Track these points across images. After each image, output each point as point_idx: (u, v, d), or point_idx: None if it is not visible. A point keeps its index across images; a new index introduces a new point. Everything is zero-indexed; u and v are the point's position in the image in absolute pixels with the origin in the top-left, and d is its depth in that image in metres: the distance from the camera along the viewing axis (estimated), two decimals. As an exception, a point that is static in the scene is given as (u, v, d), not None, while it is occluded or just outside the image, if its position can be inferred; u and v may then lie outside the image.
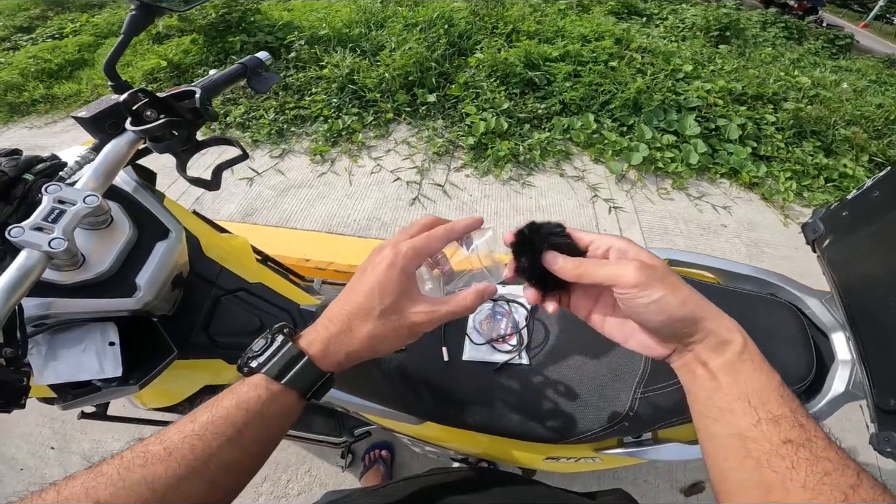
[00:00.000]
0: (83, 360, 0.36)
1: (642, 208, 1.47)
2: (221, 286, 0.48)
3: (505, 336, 0.50)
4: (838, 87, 2.44)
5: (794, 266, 1.38)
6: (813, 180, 1.71)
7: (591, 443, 0.46)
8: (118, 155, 0.36)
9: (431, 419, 0.50)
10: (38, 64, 2.19)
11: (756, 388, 0.22)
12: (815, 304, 0.49)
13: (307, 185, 1.47)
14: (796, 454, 0.20)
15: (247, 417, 0.23)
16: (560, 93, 1.75)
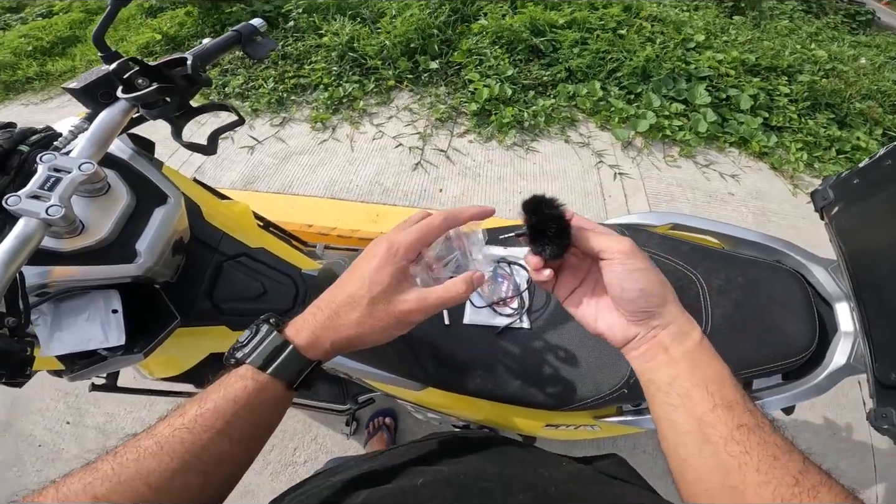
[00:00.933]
0: (87, 329, 0.36)
1: (648, 175, 1.44)
2: (223, 252, 0.48)
3: (506, 299, 0.49)
4: (856, 61, 2.34)
5: (800, 236, 1.36)
6: (824, 151, 1.67)
7: (591, 410, 0.46)
8: (112, 123, 0.36)
9: (433, 385, 0.50)
10: (31, 42, 2.17)
11: (712, 376, 0.24)
12: (821, 273, 0.48)
13: (308, 152, 1.46)
14: (748, 438, 0.22)
15: (235, 408, 0.23)
16: (566, 60, 1.70)
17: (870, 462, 0.94)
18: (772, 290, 0.47)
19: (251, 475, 0.93)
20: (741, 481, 0.21)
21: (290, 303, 0.51)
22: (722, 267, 0.48)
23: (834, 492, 0.20)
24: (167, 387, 0.63)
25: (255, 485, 0.91)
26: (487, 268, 0.50)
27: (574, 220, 0.25)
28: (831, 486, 0.20)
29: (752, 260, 0.50)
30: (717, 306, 0.45)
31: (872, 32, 3.35)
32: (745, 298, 0.46)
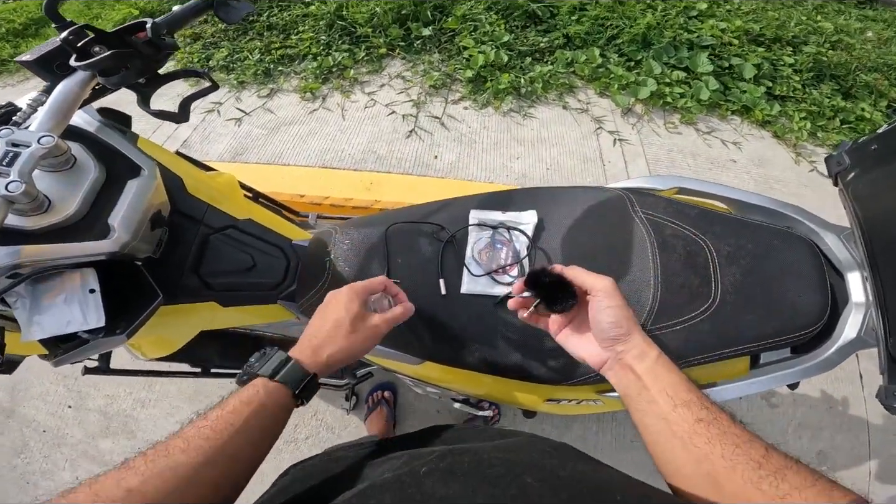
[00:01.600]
0: (66, 311, 0.34)
1: (649, 141, 1.40)
2: (209, 225, 0.45)
3: (505, 267, 0.46)
4: (863, 34, 2.29)
5: (802, 203, 1.30)
6: (828, 121, 1.63)
7: (593, 385, 0.43)
8: (70, 94, 0.35)
9: (430, 359, 0.47)
10: (2, 25, 2.10)
11: (669, 383, 0.29)
12: (833, 240, 0.45)
13: (298, 122, 1.41)
14: (709, 430, 0.25)
15: (250, 410, 0.27)
16: (564, 26, 1.64)
17: (864, 437, 0.94)
18: (783, 258, 0.44)
19: None
20: (711, 469, 0.24)
21: (282, 275, 0.48)
22: (731, 233, 0.45)
23: (801, 474, 0.22)
24: (161, 367, 0.60)
25: None
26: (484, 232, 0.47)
27: (567, 272, 0.33)
28: (798, 469, 0.22)
29: (762, 226, 0.47)
30: (726, 274, 0.42)
31: (879, 6, 3.28)
32: (755, 266, 0.43)
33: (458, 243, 0.48)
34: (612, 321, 0.31)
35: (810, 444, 0.94)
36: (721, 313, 0.41)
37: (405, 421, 0.96)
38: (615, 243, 0.46)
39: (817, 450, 0.94)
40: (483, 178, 1.25)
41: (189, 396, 0.96)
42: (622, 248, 0.45)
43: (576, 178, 1.27)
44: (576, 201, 0.49)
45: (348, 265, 0.48)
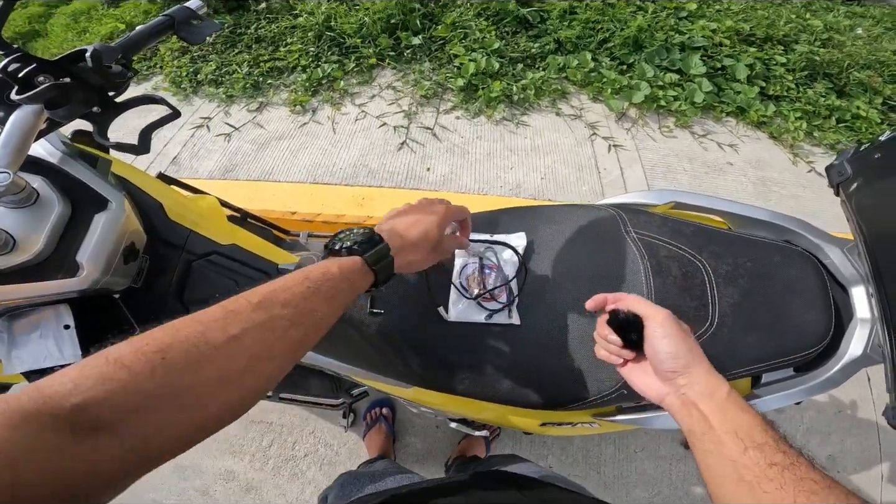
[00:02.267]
0: (42, 346, 0.34)
1: (644, 146, 1.39)
2: (191, 251, 0.44)
3: (493, 291, 0.44)
4: (852, 31, 2.29)
5: (801, 205, 1.33)
6: (824, 120, 1.62)
7: (589, 409, 0.42)
8: (25, 126, 0.32)
9: (419, 385, 0.45)
10: None
11: (742, 424, 0.27)
12: (836, 254, 0.43)
13: (288, 136, 1.39)
14: (782, 475, 0.23)
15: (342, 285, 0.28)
16: (555, 31, 1.63)
17: (874, 440, 0.91)
18: (784, 276, 0.42)
19: (252, 471, 0.90)
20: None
21: None
22: (729, 251, 0.43)
23: None
24: None
25: (258, 480, 0.89)
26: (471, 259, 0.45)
27: (629, 303, 0.33)
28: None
29: (760, 241, 0.45)
30: (724, 295, 0.41)
31: (867, 3, 3.30)
32: (754, 285, 0.41)
33: (446, 269, 0.47)
34: (670, 352, 0.30)
35: (819, 448, 0.92)
36: (718, 337, 0.39)
37: (404, 437, 0.94)
38: (607, 267, 0.44)
39: (826, 454, 0.92)
40: (476, 190, 1.23)
41: None
42: (614, 273, 0.43)
43: (571, 188, 1.25)
44: (566, 221, 0.48)
45: None
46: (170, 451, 0.19)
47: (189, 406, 0.20)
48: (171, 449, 0.19)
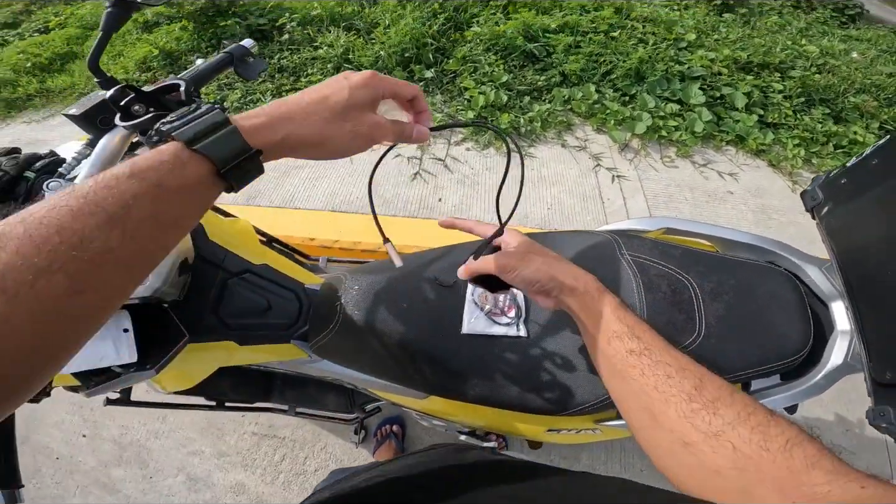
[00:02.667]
0: (100, 347, 0.37)
1: (646, 176, 1.45)
2: (228, 269, 0.49)
3: (503, 308, 0.50)
4: (848, 56, 2.36)
5: (801, 232, 1.36)
6: (822, 147, 1.67)
7: (591, 414, 0.46)
8: (113, 149, 0.37)
9: (435, 393, 0.50)
10: (29, 59, 2.19)
11: (602, 314, 0.28)
12: (815, 273, 0.48)
13: (308, 165, 1.46)
14: (640, 361, 0.24)
15: (139, 188, 0.17)
16: (560, 64, 1.71)
17: (884, 457, 0.93)
18: (765, 292, 0.47)
19: (263, 485, 0.93)
20: (649, 402, 0.23)
21: (295, 317, 0.52)
22: (714, 270, 0.48)
23: (734, 407, 0.21)
24: (178, 400, 0.64)
25: (268, 494, 0.91)
26: None
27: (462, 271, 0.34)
28: (732, 402, 0.21)
29: (744, 262, 0.50)
30: (710, 309, 0.45)
31: (862, 26, 3.37)
32: (737, 300, 0.46)
33: (460, 288, 0.52)
34: (528, 286, 0.31)
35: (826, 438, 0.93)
36: (706, 346, 0.43)
37: (416, 460, 0.98)
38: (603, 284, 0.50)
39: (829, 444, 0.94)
40: (486, 220, 1.28)
41: (202, 429, 0.98)
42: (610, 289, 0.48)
43: (576, 218, 1.31)
44: (567, 245, 0.53)
45: (358, 309, 0.51)
46: None
47: None
48: None
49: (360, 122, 0.24)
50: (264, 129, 0.22)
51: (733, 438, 0.20)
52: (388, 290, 0.52)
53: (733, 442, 0.19)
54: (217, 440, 0.96)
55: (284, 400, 0.71)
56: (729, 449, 0.19)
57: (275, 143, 0.22)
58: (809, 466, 0.18)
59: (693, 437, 0.21)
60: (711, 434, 0.20)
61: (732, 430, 0.20)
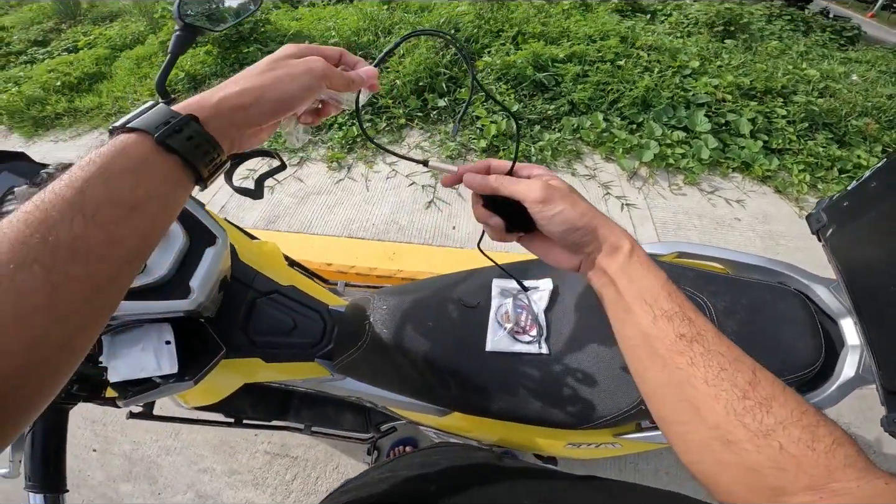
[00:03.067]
0: (142, 358, 0.39)
1: (655, 204, 1.48)
2: (257, 289, 0.52)
3: (525, 327, 0.53)
4: (848, 79, 2.41)
5: (809, 256, 1.37)
6: (826, 172, 1.70)
7: (611, 427, 0.48)
8: None
9: (456, 408, 0.52)
10: (59, 77, 2.25)
11: (646, 286, 0.24)
12: (823, 292, 0.50)
13: (326, 191, 1.51)
14: (691, 348, 0.22)
15: (89, 172, 0.18)
16: (568, 93, 1.77)
17: None
18: (776, 310, 0.49)
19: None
20: (693, 396, 0.21)
21: (319, 336, 0.54)
22: (727, 290, 0.50)
23: (788, 406, 0.20)
24: (199, 415, 0.65)
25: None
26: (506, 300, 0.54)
27: (492, 181, 0.28)
28: (785, 400, 0.20)
29: (755, 282, 0.52)
30: (724, 326, 0.47)
31: (860, 47, 3.44)
32: (750, 318, 0.48)
33: (483, 308, 0.55)
34: (564, 228, 0.26)
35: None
36: None
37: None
38: None
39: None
40: (499, 247, 1.31)
41: (214, 446, 0.98)
42: None
43: (589, 244, 1.34)
44: None
45: (386, 328, 0.54)
46: None
47: None
48: None
49: (292, 65, 0.24)
50: (195, 100, 0.22)
51: (782, 438, 0.19)
52: (415, 310, 0.54)
53: (781, 441, 0.19)
54: (229, 458, 0.96)
55: (301, 418, 0.73)
56: (775, 448, 0.19)
57: (209, 105, 0.22)
58: (846, 465, 0.18)
59: (739, 434, 0.19)
60: (761, 433, 0.19)
61: (783, 429, 0.19)
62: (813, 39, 3.09)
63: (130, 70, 2.33)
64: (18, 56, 2.74)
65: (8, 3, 4.07)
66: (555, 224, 0.26)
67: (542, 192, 0.26)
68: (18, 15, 3.46)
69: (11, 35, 3.02)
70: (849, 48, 3.30)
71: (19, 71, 2.48)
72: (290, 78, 0.24)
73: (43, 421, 0.40)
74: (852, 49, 3.27)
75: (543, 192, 0.26)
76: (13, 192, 0.36)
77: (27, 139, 2.00)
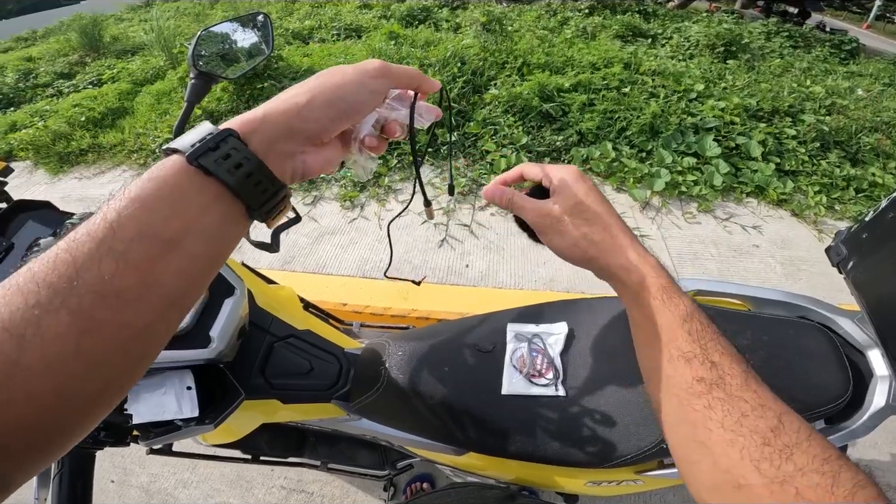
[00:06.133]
0: (164, 401, 0.41)
1: (669, 234, 1.46)
2: (274, 334, 0.54)
3: (541, 371, 0.53)
4: (853, 93, 2.41)
5: (832, 283, 1.33)
6: (842, 192, 1.68)
7: (632, 465, 0.48)
8: None
9: (473, 449, 0.52)
10: (83, 112, 2.30)
11: (664, 324, 0.23)
12: (848, 324, 0.50)
13: (340, 231, 1.53)
14: (710, 393, 0.21)
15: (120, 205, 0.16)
16: (576, 123, 1.79)
17: None
18: (799, 345, 0.49)
19: None
20: (707, 438, 0.21)
21: (335, 378, 0.56)
22: (747, 327, 0.50)
23: (810, 453, 0.19)
24: (217, 451, 0.66)
25: None
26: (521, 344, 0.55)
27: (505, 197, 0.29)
28: (809, 446, 0.19)
29: (776, 318, 0.52)
30: None
31: (861, 60, 3.45)
32: (774, 354, 0.48)
33: (498, 353, 0.55)
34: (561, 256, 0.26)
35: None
36: None
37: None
38: None
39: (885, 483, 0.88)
40: (512, 285, 1.31)
41: (230, 481, 0.98)
42: None
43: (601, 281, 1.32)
44: (602, 312, 0.56)
45: (402, 372, 0.54)
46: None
47: None
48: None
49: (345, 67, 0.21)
50: (241, 115, 0.19)
51: (800, 484, 0.18)
52: (431, 355, 0.55)
53: (798, 487, 0.18)
54: (245, 492, 0.95)
55: (317, 455, 0.73)
56: (791, 494, 0.18)
57: (255, 119, 0.19)
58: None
59: (753, 479, 0.19)
60: (777, 480, 0.18)
61: (802, 476, 0.18)
62: (814, 55, 3.11)
63: (151, 106, 2.39)
64: (45, 88, 2.83)
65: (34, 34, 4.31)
66: (556, 251, 0.27)
67: (537, 220, 0.27)
68: (46, 46, 3.60)
69: (38, 66, 3.12)
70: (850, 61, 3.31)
71: (45, 104, 2.55)
72: (344, 74, 0.21)
73: (70, 463, 0.41)
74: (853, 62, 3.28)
75: (537, 222, 0.27)
76: (38, 244, 0.38)
77: (53, 175, 2.03)
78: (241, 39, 0.58)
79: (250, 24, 0.59)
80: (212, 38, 0.54)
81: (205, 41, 0.51)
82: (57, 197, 2.03)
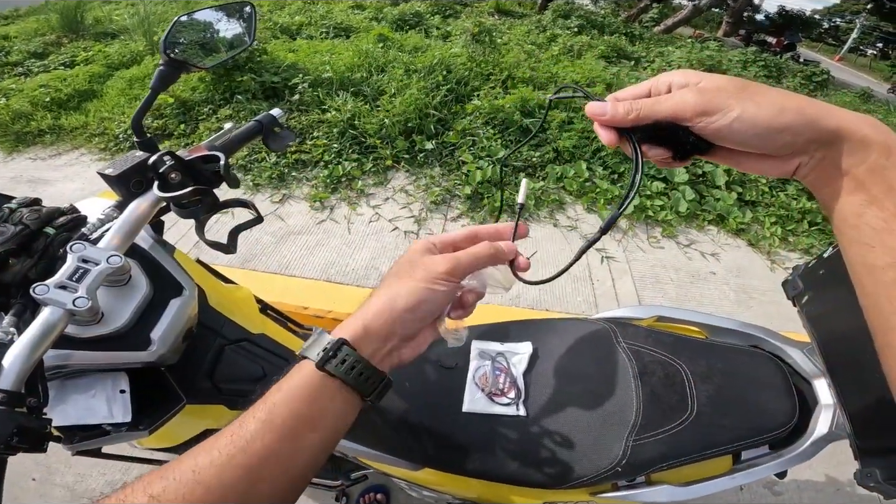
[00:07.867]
0: (92, 404, 0.38)
1: (634, 257, 1.51)
2: (226, 336, 0.51)
3: (503, 390, 0.53)
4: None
5: (781, 311, 1.41)
6: (797, 224, 1.77)
7: (588, 487, 0.49)
8: (142, 215, 0.37)
9: (430, 465, 0.52)
10: (49, 93, 2.20)
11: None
12: (797, 354, 0.53)
13: (307, 231, 1.50)
14: None
15: (277, 397, 0.24)
16: (554, 140, 1.82)
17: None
18: (751, 373, 0.51)
19: None
20: None
21: None
22: (703, 355, 0.53)
23: None
24: (151, 455, 0.63)
25: None
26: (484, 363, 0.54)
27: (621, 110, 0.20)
28: None
29: (731, 347, 0.55)
30: (701, 390, 0.50)
31: (830, 91, 3.67)
32: (726, 381, 0.50)
33: (461, 370, 0.55)
34: (759, 133, 0.18)
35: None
36: (699, 422, 0.47)
37: (398, 529, 0.93)
38: (601, 370, 0.53)
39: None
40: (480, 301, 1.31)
41: None
42: (608, 374, 0.52)
43: (567, 298, 1.35)
44: (566, 333, 0.57)
45: None
46: None
47: None
48: None
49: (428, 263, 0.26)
50: (351, 321, 0.26)
51: None
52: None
53: None
54: None
55: None
56: None
57: (356, 332, 0.25)
58: None
59: None
60: None
61: None
62: (785, 85, 3.28)
63: (122, 90, 2.30)
64: (14, 67, 2.68)
65: (16, 13, 4.02)
66: (740, 133, 0.19)
67: (697, 100, 0.19)
68: (24, 25, 3.40)
69: (12, 45, 2.95)
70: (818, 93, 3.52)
71: (11, 83, 2.40)
72: (416, 283, 0.26)
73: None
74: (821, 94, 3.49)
75: (699, 100, 0.19)
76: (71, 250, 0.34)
77: (6, 155, 1.92)
78: (223, 29, 0.55)
79: (235, 14, 0.56)
80: (191, 25, 0.51)
81: (183, 28, 0.48)
82: (8, 177, 1.91)
